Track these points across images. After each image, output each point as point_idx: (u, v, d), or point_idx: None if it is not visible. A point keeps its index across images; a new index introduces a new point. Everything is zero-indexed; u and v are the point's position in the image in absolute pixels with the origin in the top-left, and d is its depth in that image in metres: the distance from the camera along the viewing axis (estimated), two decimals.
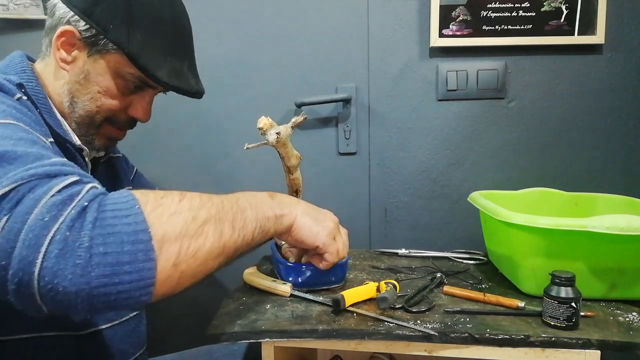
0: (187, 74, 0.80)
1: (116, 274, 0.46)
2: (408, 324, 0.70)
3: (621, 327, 0.70)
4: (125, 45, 0.70)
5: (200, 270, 0.55)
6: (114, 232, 0.47)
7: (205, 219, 0.55)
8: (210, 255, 0.55)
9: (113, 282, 0.46)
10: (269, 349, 0.73)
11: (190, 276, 0.53)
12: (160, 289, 0.50)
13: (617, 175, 1.22)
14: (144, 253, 0.48)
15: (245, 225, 0.61)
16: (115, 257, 0.46)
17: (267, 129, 0.82)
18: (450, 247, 1.14)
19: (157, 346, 0.96)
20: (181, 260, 0.51)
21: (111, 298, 0.46)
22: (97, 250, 0.45)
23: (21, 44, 1.27)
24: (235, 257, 0.61)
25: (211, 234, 0.55)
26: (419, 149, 1.26)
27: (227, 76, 1.26)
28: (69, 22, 0.71)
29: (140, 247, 0.48)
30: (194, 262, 0.53)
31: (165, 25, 0.75)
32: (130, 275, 0.47)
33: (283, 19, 1.25)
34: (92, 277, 0.45)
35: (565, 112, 1.22)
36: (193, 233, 0.53)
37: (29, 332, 0.68)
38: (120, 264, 0.46)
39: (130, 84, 0.75)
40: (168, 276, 0.50)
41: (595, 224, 0.74)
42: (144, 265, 0.48)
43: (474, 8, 1.18)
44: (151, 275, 0.48)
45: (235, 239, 0.59)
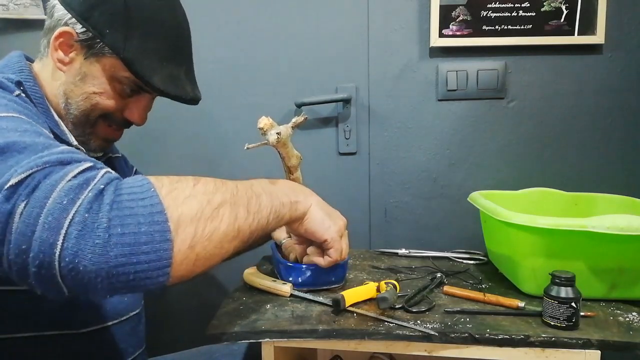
0: (184, 80, 0.79)
1: (134, 253, 0.47)
2: (408, 324, 0.70)
3: (621, 327, 0.70)
4: (120, 51, 0.70)
5: (216, 253, 0.55)
6: (131, 214, 0.47)
7: (220, 202, 0.56)
8: (226, 238, 0.56)
9: (131, 261, 0.46)
10: (269, 349, 0.73)
11: (206, 258, 0.54)
12: (178, 270, 0.50)
13: (617, 175, 1.22)
14: (161, 234, 0.48)
15: (260, 210, 0.62)
16: (133, 237, 0.47)
17: (267, 129, 0.82)
18: (450, 247, 1.14)
19: (157, 346, 0.96)
20: (197, 241, 0.52)
21: (130, 277, 0.47)
22: (115, 231, 0.46)
23: (21, 44, 1.27)
24: (250, 242, 0.61)
25: (226, 217, 0.56)
26: (419, 149, 1.26)
27: (227, 76, 1.26)
28: (67, 24, 0.71)
29: (157, 228, 0.48)
30: (210, 244, 0.53)
31: (163, 30, 0.75)
32: (147, 256, 0.47)
33: (283, 19, 1.25)
34: (111, 257, 0.46)
35: (565, 112, 1.22)
36: (208, 215, 0.53)
37: (28, 330, 0.68)
38: (138, 244, 0.47)
39: (126, 87, 0.75)
40: (185, 257, 0.51)
41: (595, 224, 0.74)
42: (161, 246, 0.48)
43: (474, 8, 1.18)
44: (168, 255, 0.49)
45: (250, 223, 0.60)
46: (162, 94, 0.76)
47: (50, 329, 0.70)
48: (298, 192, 0.73)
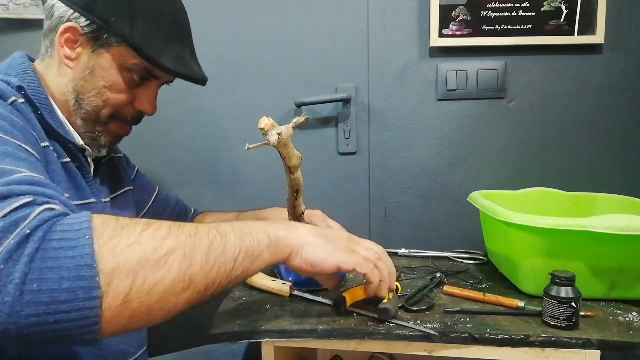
0: (190, 61, 0.80)
1: (51, 313, 0.42)
2: (408, 324, 0.70)
3: (621, 327, 0.71)
4: (129, 37, 0.71)
5: (160, 308, 0.49)
6: (54, 267, 0.43)
7: (171, 248, 0.49)
8: (173, 290, 0.49)
9: (47, 321, 0.42)
10: (269, 349, 0.73)
11: (146, 314, 0.48)
12: (108, 327, 0.46)
13: (617, 175, 1.22)
14: (85, 291, 0.43)
15: (226, 252, 0.54)
16: (51, 295, 0.42)
17: (268, 130, 0.82)
18: (450, 247, 1.15)
19: (157, 346, 0.96)
20: (133, 297, 0.46)
21: (47, 336, 0.43)
22: (30, 287, 0.42)
23: (21, 44, 1.27)
24: (212, 291, 0.54)
25: (176, 266, 0.49)
26: (419, 149, 1.26)
27: (227, 76, 1.26)
28: (70, 20, 0.72)
29: (82, 284, 0.43)
30: (150, 298, 0.47)
31: (165, 14, 0.76)
32: (68, 315, 0.43)
33: (283, 19, 1.25)
34: (22, 317, 0.41)
35: (565, 112, 1.22)
36: (153, 265, 0.47)
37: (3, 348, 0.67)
38: (56, 302, 0.42)
39: (136, 75, 0.76)
40: (117, 314, 0.45)
41: (595, 224, 0.75)
42: (85, 304, 0.43)
43: (474, 8, 1.18)
44: (94, 314, 0.44)
45: (209, 270, 0.52)
46: (174, 74, 0.76)
47: None
48: (281, 228, 0.62)
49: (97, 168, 0.82)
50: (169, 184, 1.27)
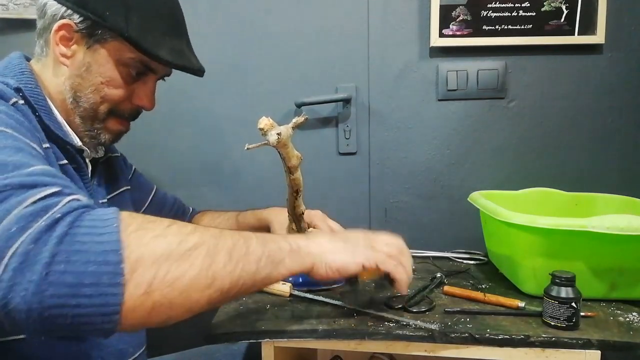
0: (187, 53, 0.80)
1: (74, 295, 0.42)
2: (408, 324, 0.70)
3: (621, 327, 0.70)
4: (124, 31, 0.71)
5: (181, 303, 0.48)
6: (80, 250, 0.43)
7: (195, 244, 0.49)
8: (195, 286, 0.49)
9: (68, 304, 0.42)
10: (269, 349, 0.73)
11: (167, 308, 0.47)
12: (129, 318, 0.45)
13: (617, 175, 1.22)
14: (110, 276, 0.43)
15: (248, 253, 0.54)
16: (76, 277, 0.42)
17: (268, 130, 0.82)
18: (450, 247, 1.14)
19: (157, 346, 0.96)
20: (155, 288, 0.46)
21: (67, 321, 0.43)
22: (57, 268, 0.42)
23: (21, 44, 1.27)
24: (235, 293, 0.54)
25: (199, 262, 0.49)
26: (419, 149, 1.26)
27: (227, 76, 1.26)
28: (63, 17, 0.71)
29: (107, 269, 0.43)
30: (172, 291, 0.47)
31: (159, 7, 0.76)
32: (90, 299, 0.43)
33: (283, 19, 1.25)
34: (46, 296, 0.41)
35: (565, 112, 1.22)
36: (177, 258, 0.48)
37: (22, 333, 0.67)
38: (80, 285, 0.42)
39: (132, 70, 0.75)
40: (138, 305, 0.45)
41: (595, 224, 0.74)
42: (107, 290, 0.43)
43: (474, 8, 1.18)
44: (116, 301, 0.44)
45: (232, 270, 0.52)
46: (171, 65, 0.76)
47: None
48: (300, 237, 0.65)
49: (94, 168, 0.82)
50: (169, 184, 1.27)
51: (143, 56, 0.73)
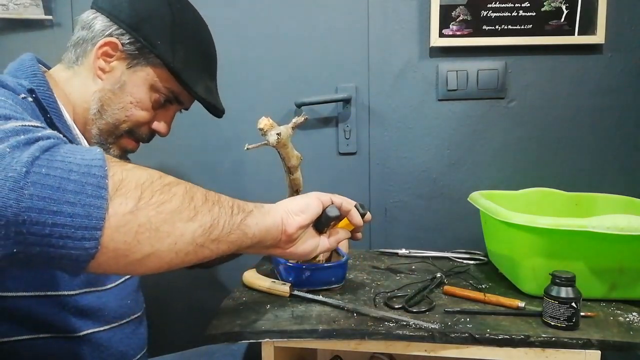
0: (216, 93, 0.86)
1: (55, 200, 0.39)
2: (408, 324, 0.70)
3: (621, 327, 0.70)
4: (170, 61, 0.75)
5: (166, 232, 0.46)
6: (64, 160, 0.41)
7: (173, 181, 0.49)
8: (179, 215, 0.47)
9: (49, 208, 0.39)
10: (269, 349, 0.73)
11: (153, 235, 0.45)
12: (112, 238, 0.42)
13: (617, 175, 1.22)
14: (94, 188, 0.41)
15: (220, 201, 0.54)
16: (58, 181, 0.40)
17: (267, 130, 0.82)
18: (450, 247, 1.14)
19: (157, 346, 0.96)
20: (141, 208, 0.44)
21: (45, 231, 0.39)
22: (38, 170, 0.39)
23: (21, 44, 1.28)
24: (217, 234, 0.52)
25: (180, 193, 0.48)
26: (419, 149, 1.26)
27: (227, 76, 1.26)
28: (112, 35, 0.75)
29: (91, 180, 0.41)
30: (157, 215, 0.45)
31: (202, 47, 0.82)
32: (73, 207, 0.40)
33: (283, 19, 1.25)
34: (24, 195, 0.38)
35: (565, 112, 1.22)
36: (159, 187, 0.46)
37: (26, 333, 0.67)
38: (62, 190, 0.40)
39: (162, 97, 0.79)
40: (123, 224, 0.42)
41: (596, 224, 0.74)
42: (91, 201, 0.41)
43: (474, 8, 1.18)
44: (99, 215, 0.41)
45: (210, 208, 0.51)
46: (203, 102, 0.81)
47: (48, 331, 0.69)
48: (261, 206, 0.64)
49: None
50: None
51: (178, 87, 0.78)
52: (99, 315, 0.75)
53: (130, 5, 0.75)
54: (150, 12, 0.76)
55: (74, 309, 0.72)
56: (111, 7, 0.76)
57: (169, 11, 0.77)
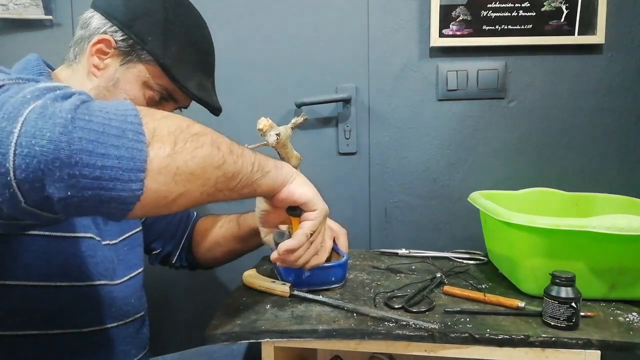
0: (211, 90, 0.85)
1: (102, 143, 0.41)
2: (408, 324, 0.70)
3: (621, 327, 0.70)
4: (160, 57, 0.75)
5: (198, 175, 0.49)
6: (102, 109, 0.43)
7: (201, 130, 0.51)
8: (210, 161, 0.50)
9: (98, 151, 0.41)
10: (269, 349, 0.73)
11: (187, 177, 0.47)
12: (154, 180, 0.44)
13: (617, 175, 1.22)
14: (134, 133, 0.43)
15: (244, 155, 0.57)
16: (102, 127, 0.42)
17: (266, 130, 0.82)
18: (450, 247, 1.14)
19: (157, 346, 0.96)
20: (178, 152, 0.46)
21: (96, 173, 0.41)
22: (82, 116, 0.41)
23: (21, 44, 1.28)
24: (236, 184, 0.56)
25: (209, 142, 0.51)
26: (419, 149, 1.26)
27: (227, 76, 1.26)
28: (106, 32, 0.75)
29: (129, 126, 0.43)
30: (192, 160, 0.48)
31: (196, 44, 0.81)
32: (118, 150, 0.42)
33: (283, 19, 1.25)
34: (74, 138, 0.40)
35: (565, 112, 1.22)
36: (188, 135, 0.49)
37: (29, 329, 0.68)
38: (106, 134, 0.42)
39: (156, 95, 0.79)
40: (163, 166, 0.45)
41: (596, 224, 0.74)
42: (133, 145, 0.43)
43: (474, 8, 1.18)
44: (142, 157, 0.43)
45: (235, 160, 0.55)
46: (195, 98, 0.80)
47: (51, 327, 0.70)
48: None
49: None
50: None
51: (170, 84, 0.78)
52: (107, 311, 0.76)
53: (124, 3, 0.76)
54: (144, 9, 0.76)
55: (84, 301, 0.72)
56: (106, 5, 0.76)
57: (162, 8, 0.77)
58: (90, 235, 0.75)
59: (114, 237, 0.82)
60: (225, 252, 1.04)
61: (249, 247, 1.04)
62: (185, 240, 1.04)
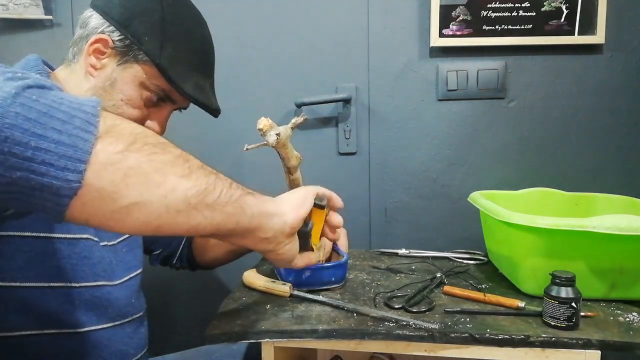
0: (209, 91, 0.84)
1: (42, 124, 0.39)
2: (408, 324, 0.70)
3: (621, 327, 0.70)
4: (156, 57, 0.74)
5: (156, 182, 0.44)
6: (56, 95, 0.41)
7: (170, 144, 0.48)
8: (173, 169, 0.45)
9: (34, 131, 0.38)
10: (269, 349, 0.73)
11: (143, 177, 0.43)
12: (98, 176, 0.40)
13: (617, 175, 1.22)
14: (83, 122, 0.40)
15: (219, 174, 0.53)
16: (47, 108, 0.39)
17: (266, 130, 0.82)
18: (450, 247, 1.14)
19: (156, 346, 0.96)
20: (133, 150, 0.42)
21: (27, 153, 0.38)
22: (28, 95, 0.39)
23: (21, 44, 1.28)
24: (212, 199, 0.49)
25: (175, 154, 0.47)
26: (419, 149, 1.26)
27: (227, 76, 1.26)
28: (103, 32, 0.75)
29: (81, 115, 0.40)
30: (149, 162, 0.43)
31: (194, 44, 0.80)
32: (59, 135, 0.39)
33: (283, 19, 1.25)
34: (10, 112, 0.38)
35: (565, 112, 1.22)
36: (154, 141, 0.45)
37: (27, 328, 0.68)
38: (49, 116, 0.39)
39: (153, 95, 0.78)
40: (111, 162, 0.41)
41: (596, 224, 0.74)
42: (78, 132, 0.40)
43: (474, 8, 1.18)
44: (85, 148, 0.40)
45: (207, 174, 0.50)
46: (191, 100, 0.79)
47: (50, 327, 0.70)
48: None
49: None
50: None
51: (167, 85, 0.76)
52: (104, 311, 0.76)
53: (122, 2, 0.75)
54: (141, 9, 0.75)
55: (80, 302, 0.72)
56: (104, 4, 0.76)
57: (160, 8, 0.76)
58: (87, 236, 0.75)
59: (112, 238, 0.82)
60: (225, 252, 1.04)
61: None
62: (186, 241, 1.04)
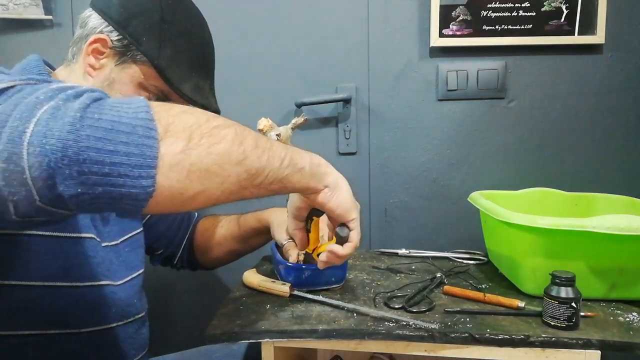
0: (208, 92, 0.84)
1: (110, 140, 0.42)
2: (408, 324, 0.70)
3: (621, 327, 0.70)
4: (154, 58, 0.74)
5: (215, 172, 0.47)
6: (112, 107, 0.44)
7: (223, 123, 0.49)
8: (229, 157, 0.48)
9: (106, 148, 0.41)
10: (269, 349, 0.73)
11: (203, 175, 0.46)
12: (166, 177, 0.44)
13: (617, 175, 1.22)
14: (145, 129, 0.43)
15: (272, 149, 0.54)
16: (111, 124, 0.42)
17: (267, 130, 0.82)
18: (450, 247, 1.14)
19: (157, 346, 0.96)
20: (192, 148, 0.45)
21: (104, 169, 0.41)
22: (91, 115, 0.42)
23: (21, 44, 1.28)
24: (260, 181, 0.53)
25: (230, 137, 0.49)
26: (419, 149, 1.26)
27: (227, 76, 1.26)
28: (102, 32, 0.75)
29: (140, 122, 0.43)
30: (208, 156, 0.46)
31: (193, 45, 0.80)
32: (127, 147, 0.42)
33: (283, 19, 1.25)
34: (82, 136, 0.41)
35: (565, 112, 1.22)
36: (207, 130, 0.47)
37: (29, 328, 0.68)
38: (115, 131, 0.42)
39: (152, 96, 0.78)
40: (176, 162, 0.44)
41: (596, 224, 0.74)
42: (143, 141, 0.43)
43: (474, 8, 1.18)
44: (153, 153, 0.43)
45: (260, 155, 0.52)
46: (189, 101, 0.79)
47: (52, 327, 0.70)
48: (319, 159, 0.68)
49: None
50: None
51: (165, 86, 0.76)
52: (108, 311, 0.76)
53: (121, 2, 0.75)
54: (140, 9, 0.75)
55: (85, 302, 0.72)
56: (103, 4, 0.76)
57: (159, 8, 0.76)
58: (91, 236, 0.75)
59: (114, 238, 0.82)
60: (226, 253, 1.04)
61: (250, 248, 1.04)
62: (187, 241, 1.04)
